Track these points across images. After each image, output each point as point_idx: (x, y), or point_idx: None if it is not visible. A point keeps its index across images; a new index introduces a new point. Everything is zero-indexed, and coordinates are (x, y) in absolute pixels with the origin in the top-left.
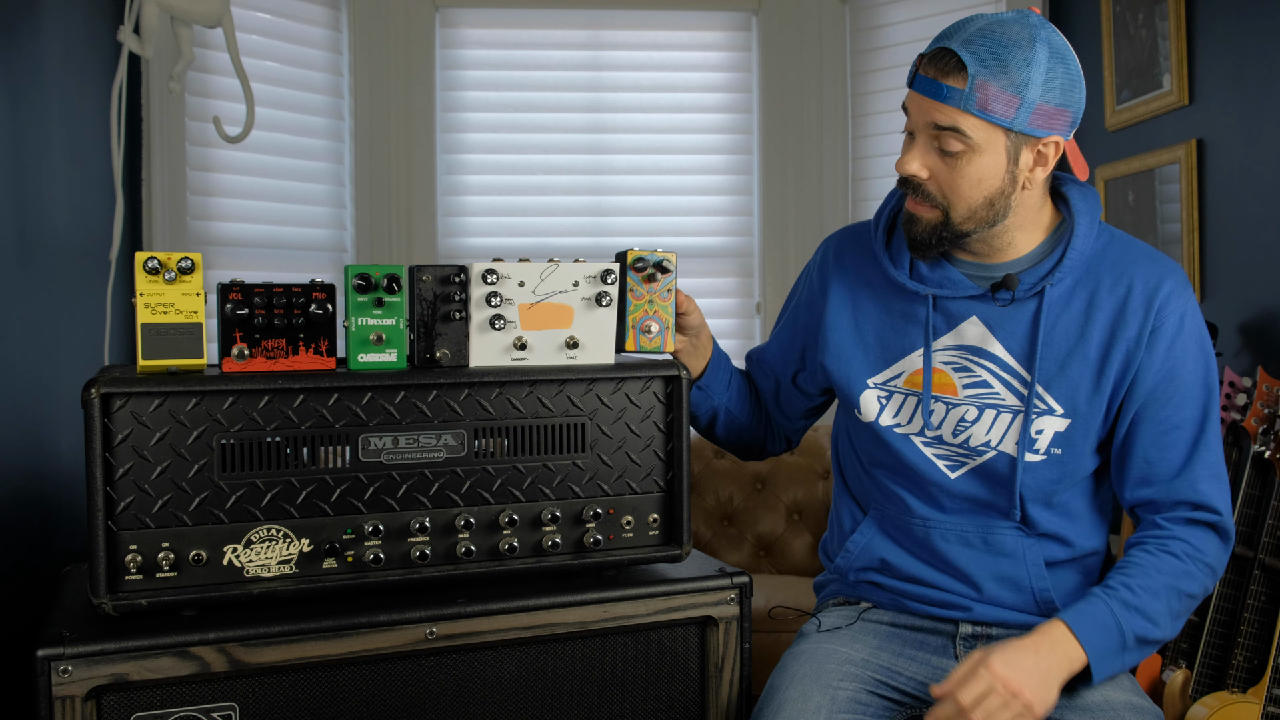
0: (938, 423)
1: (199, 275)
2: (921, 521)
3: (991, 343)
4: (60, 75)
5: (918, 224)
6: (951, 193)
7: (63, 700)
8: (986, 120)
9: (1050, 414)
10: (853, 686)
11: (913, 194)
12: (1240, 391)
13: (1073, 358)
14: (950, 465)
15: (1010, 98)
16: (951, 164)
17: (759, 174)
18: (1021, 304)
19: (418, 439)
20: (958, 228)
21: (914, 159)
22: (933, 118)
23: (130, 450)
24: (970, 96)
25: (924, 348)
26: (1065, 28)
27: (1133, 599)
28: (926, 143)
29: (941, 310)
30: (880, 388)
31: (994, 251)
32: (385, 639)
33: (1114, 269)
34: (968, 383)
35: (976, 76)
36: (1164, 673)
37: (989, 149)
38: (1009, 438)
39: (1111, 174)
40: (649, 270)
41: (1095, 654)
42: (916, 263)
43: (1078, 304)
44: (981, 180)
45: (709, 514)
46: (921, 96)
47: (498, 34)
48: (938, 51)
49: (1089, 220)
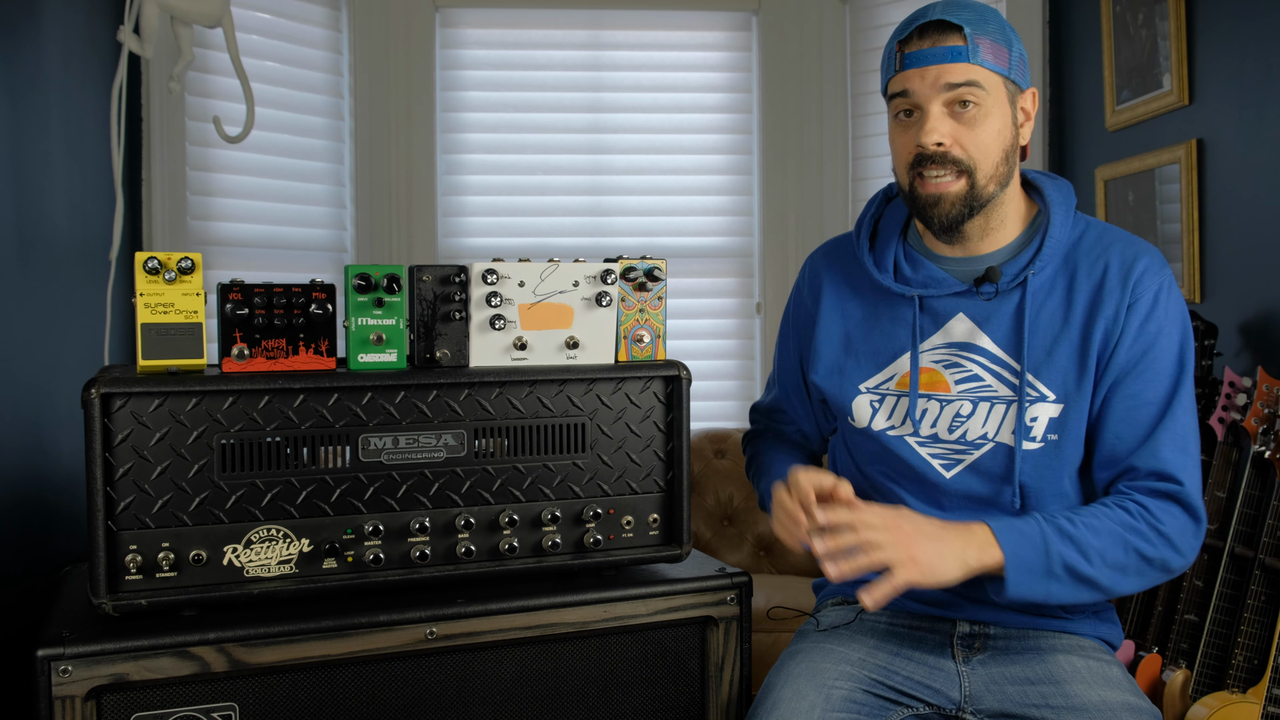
0: (932, 421)
1: (199, 275)
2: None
3: (980, 337)
4: (60, 75)
5: (944, 201)
6: (976, 150)
7: (63, 700)
8: (991, 70)
9: (1043, 400)
10: (848, 685)
11: (935, 169)
12: (1240, 391)
13: (1059, 343)
14: (945, 464)
15: (1000, 49)
16: (970, 122)
17: (759, 174)
18: (1005, 296)
19: (418, 439)
20: (982, 191)
21: (934, 129)
22: (945, 79)
23: (130, 450)
24: (974, 49)
25: (911, 350)
26: (1065, 28)
27: (1069, 528)
28: (940, 111)
29: (928, 311)
30: (872, 392)
31: (987, 233)
32: (385, 639)
33: (1091, 253)
34: (959, 378)
35: (973, 34)
36: (1164, 673)
37: (997, 99)
38: (1005, 428)
39: (1111, 174)
40: (640, 279)
41: (1013, 561)
42: (900, 265)
43: (1059, 291)
44: (1000, 131)
45: (709, 514)
46: (926, 67)
47: (498, 34)
48: (927, 25)
49: (1064, 209)
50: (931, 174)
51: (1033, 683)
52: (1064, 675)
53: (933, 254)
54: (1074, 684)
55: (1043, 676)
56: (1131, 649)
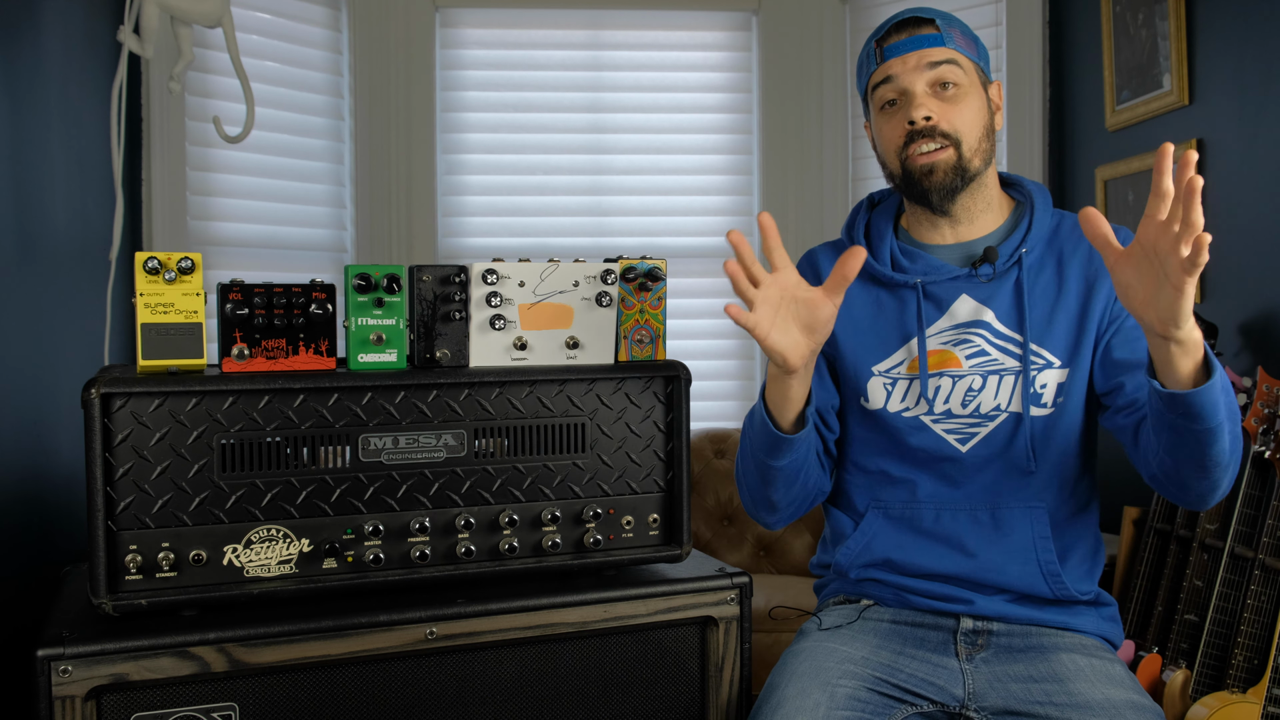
0: (945, 397)
1: (199, 275)
2: (932, 504)
3: (984, 313)
4: (60, 75)
5: (938, 170)
6: (961, 123)
7: (63, 700)
8: (964, 55)
9: (1049, 367)
10: (852, 684)
11: (925, 142)
12: (1240, 391)
13: (1056, 311)
14: (961, 439)
15: (968, 41)
16: (952, 100)
17: (759, 174)
18: (1002, 276)
19: (418, 439)
20: (969, 163)
21: (921, 105)
22: (927, 59)
23: (130, 450)
24: (949, 35)
25: (918, 334)
26: (1065, 28)
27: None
28: (924, 91)
29: (931, 297)
30: (884, 375)
31: (975, 215)
32: (385, 639)
33: (1072, 237)
34: (969, 354)
35: (945, 25)
36: (1164, 673)
37: (973, 81)
38: (1015, 398)
39: (1111, 174)
40: (640, 279)
41: (1218, 380)
42: (897, 258)
43: (1049, 269)
44: (979, 109)
45: (709, 514)
46: (908, 53)
47: (498, 34)
48: (902, 22)
49: (1043, 198)
50: (921, 148)
51: (1036, 680)
52: (1067, 673)
53: (925, 245)
54: (1078, 682)
55: (1046, 674)
56: (1131, 649)
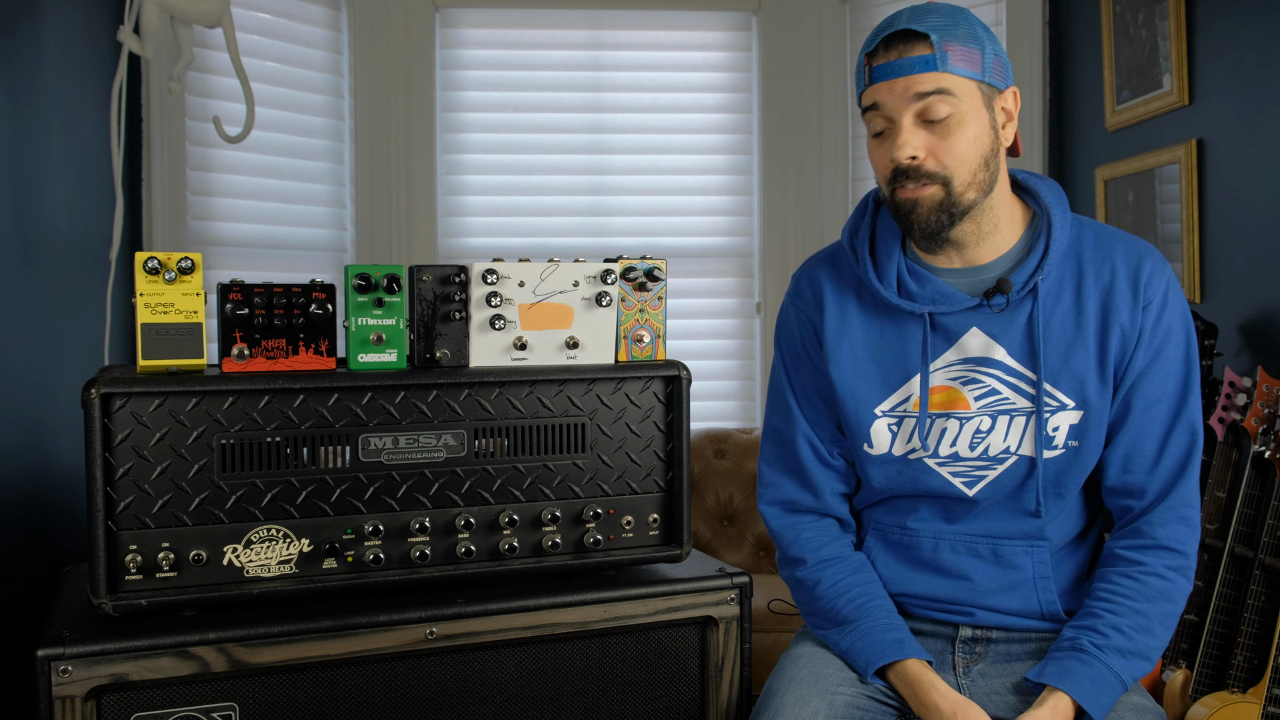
0: (952, 440)
1: (199, 275)
2: (930, 537)
3: (995, 350)
4: (60, 75)
5: (921, 206)
6: (951, 158)
7: (63, 700)
8: (962, 76)
9: (1063, 409)
10: (851, 691)
11: (910, 181)
12: (1240, 391)
13: (1074, 349)
14: (968, 482)
15: (971, 52)
16: (943, 131)
17: (759, 174)
18: (1016, 307)
19: (418, 439)
20: (960, 197)
21: (906, 143)
22: (914, 89)
23: (130, 450)
24: (943, 57)
25: (921, 370)
26: (1065, 28)
27: (1128, 644)
28: (911, 123)
29: (939, 328)
30: (889, 415)
31: (982, 239)
32: (385, 639)
33: (1094, 255)
34: (978, 394)
35: (940, 40)
36: (1164, 673)
37: (972, 105)
38: (1026, 440)
39: (1111, 174)
40: (639, 279)
41: (1099, 711)
42: (905, 280)
43: (1067, 296)
44: (976, 138)
45: (709, 514)
46: (895, 79)
47: (498, 34)
48: (892, 36)
49: (1061, 208)
50: (907, 185)
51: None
52: None
53: (935, 267)
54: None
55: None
56: None
